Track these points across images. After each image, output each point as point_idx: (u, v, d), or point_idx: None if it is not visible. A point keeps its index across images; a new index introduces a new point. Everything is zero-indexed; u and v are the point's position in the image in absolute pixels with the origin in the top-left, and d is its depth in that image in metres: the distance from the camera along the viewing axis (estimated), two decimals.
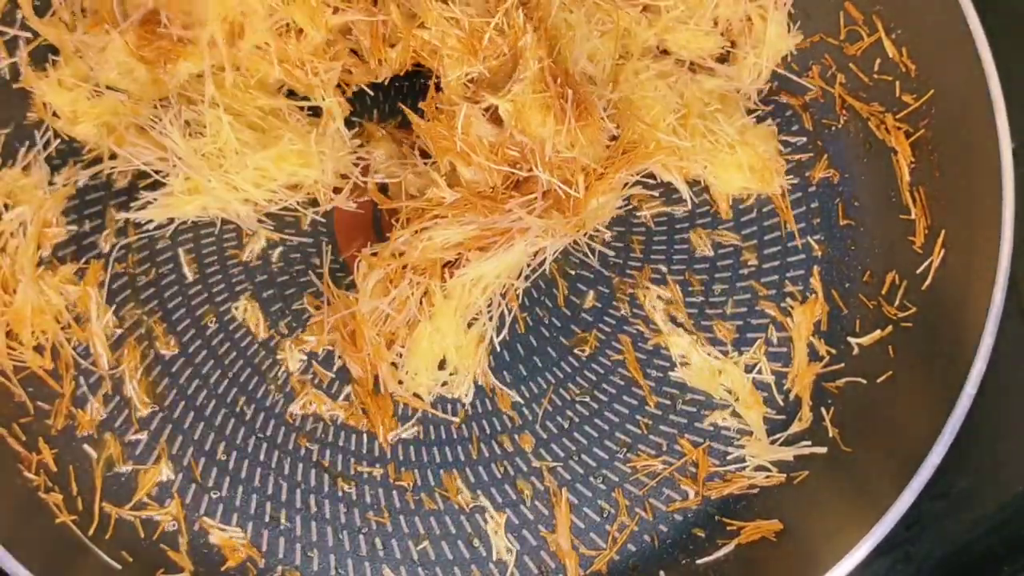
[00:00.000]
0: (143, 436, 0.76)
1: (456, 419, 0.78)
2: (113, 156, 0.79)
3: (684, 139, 0.80)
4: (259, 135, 0.77)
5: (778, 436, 0.78)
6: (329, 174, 0.79)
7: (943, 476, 0.65)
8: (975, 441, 0.66)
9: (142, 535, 0.73)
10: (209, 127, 0.75)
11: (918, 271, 0.77)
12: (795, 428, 0.78)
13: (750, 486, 0.77)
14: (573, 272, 0.82)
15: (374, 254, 0.75)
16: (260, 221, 0.81)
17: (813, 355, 0.80)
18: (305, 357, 0.79)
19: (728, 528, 0.75)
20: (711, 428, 0.79)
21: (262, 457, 0.77)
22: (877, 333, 0.78)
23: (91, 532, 0.72)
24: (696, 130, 0.81)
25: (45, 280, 0.76)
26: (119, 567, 0.71)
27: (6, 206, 0.77)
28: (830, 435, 0.77)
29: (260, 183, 0.78)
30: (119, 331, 0.78)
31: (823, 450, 0.76)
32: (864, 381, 0.77)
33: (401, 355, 0.76)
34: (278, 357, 0.79)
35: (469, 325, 0.77)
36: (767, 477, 0.76)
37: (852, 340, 0.80)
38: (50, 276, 0.77)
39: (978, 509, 0.76)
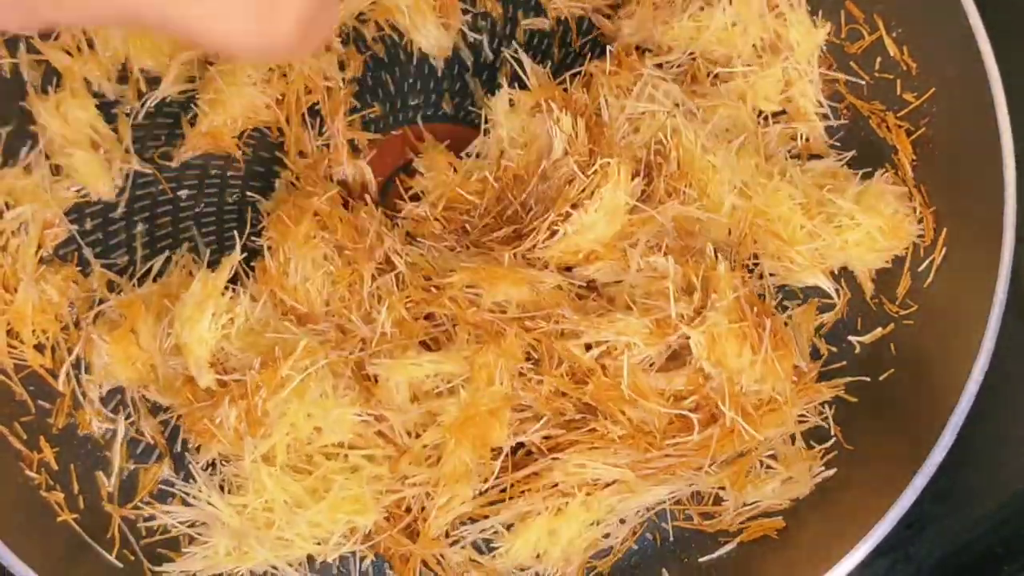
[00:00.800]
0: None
1: None
2: None
3: (818, 239, 0.75)
4: (304, 478, 0.69)
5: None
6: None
7: (943, 476, 0.64)
8: (975, 441, 0.65)
9: (143, 534, 0.73)
10: (252, 484, 0.68)
11: (920, 269, 0.77)
12: None
13: None
14: None
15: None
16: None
17: (815, 354, 0.80)
18: None
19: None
20: None
21: None
22: (878, 331, 0.79)
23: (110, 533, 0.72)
24: (820, 219, 0.76)
25: (47, 279, 0.76)
26: (121, 565, 0.71)
27: (7, 205, 0.77)
28: (832, 433, 0.76)
29: (313, 537, 0.70)
30: None
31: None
32: (868, 379, 0.77)
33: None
34: None
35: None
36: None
37: (853, 339, 0.79)
38: (51, 274, 0.76)
39: (978, 509, 0.76)
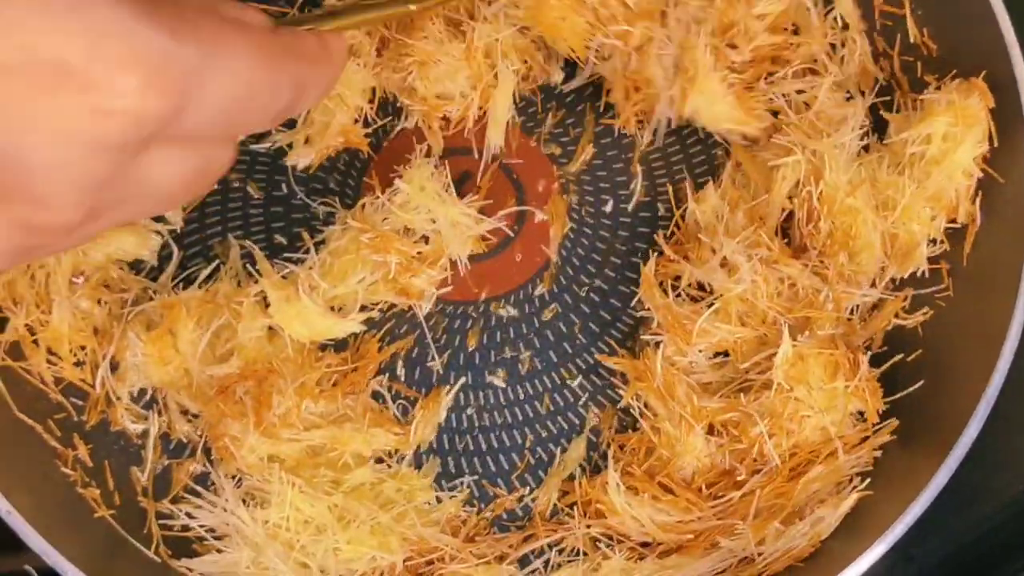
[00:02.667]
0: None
1: None
2: None
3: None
4: (328, 499, 0.69)
5: None
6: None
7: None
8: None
9: (179, 529, 0.74)
10: (275, 499, 0.68)
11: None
12: None
13: None
14: None
15: None
16: None
17: None
18: None
19: None
20: None
21: None
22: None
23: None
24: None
25: (83, 290, 0.75)
26: (159, 560, 0.72)
27: None
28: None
29: (336, 566, 0.68)
30: None
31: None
32: (901, 355, 0.75)
33: None
34: None
35: None
36: None
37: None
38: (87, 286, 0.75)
39: (979, 509, 0.76)
